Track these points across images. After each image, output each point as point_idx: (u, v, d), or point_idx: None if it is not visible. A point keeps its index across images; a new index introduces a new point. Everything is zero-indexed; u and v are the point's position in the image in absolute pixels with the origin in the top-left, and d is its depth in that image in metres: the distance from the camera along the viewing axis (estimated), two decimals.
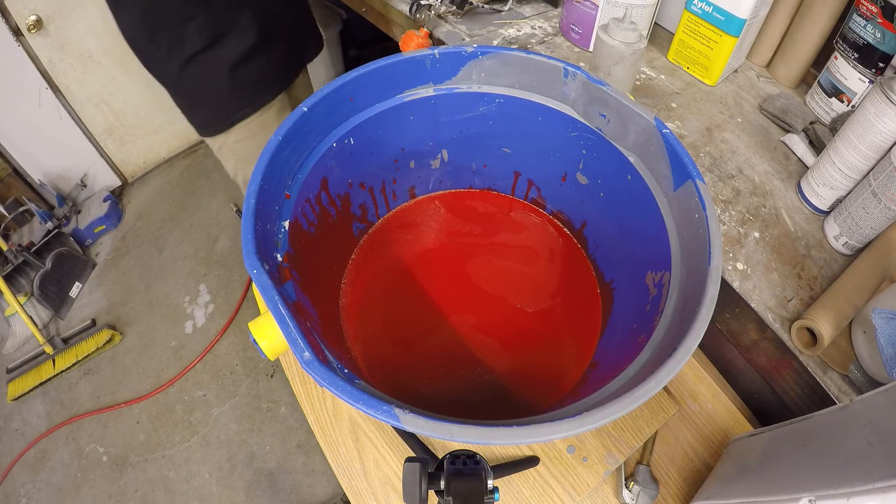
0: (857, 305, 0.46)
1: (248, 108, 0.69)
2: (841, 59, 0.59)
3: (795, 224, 0.55)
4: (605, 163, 0.43)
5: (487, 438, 0.24)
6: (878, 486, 0.25)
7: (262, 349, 0.31)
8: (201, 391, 1.29)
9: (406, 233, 0.51)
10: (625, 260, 0.45)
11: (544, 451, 0.46)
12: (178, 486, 1.16)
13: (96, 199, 1.62)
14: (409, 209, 0.53)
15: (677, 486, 0.47)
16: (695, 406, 0.51)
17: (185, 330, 1.40)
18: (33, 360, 1.33)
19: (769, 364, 0.49)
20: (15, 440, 1.25)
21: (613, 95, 0.38)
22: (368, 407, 0.25)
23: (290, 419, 1.23)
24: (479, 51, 0.41)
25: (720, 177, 0.58)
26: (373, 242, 0.50)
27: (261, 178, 0.33)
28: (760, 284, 0.50)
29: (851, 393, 0.45)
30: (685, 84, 0.69)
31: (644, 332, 0.35)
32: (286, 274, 0.34)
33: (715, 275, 0.30)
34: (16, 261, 1.38)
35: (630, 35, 0.56)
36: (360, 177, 0.47)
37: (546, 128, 0.45)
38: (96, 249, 1.60)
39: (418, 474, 0.30)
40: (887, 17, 0.52)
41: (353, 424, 0.48)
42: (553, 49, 0.74)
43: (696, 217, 0.33)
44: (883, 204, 0.45)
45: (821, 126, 0.61)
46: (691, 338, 0.27)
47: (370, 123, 0.43)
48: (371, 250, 0.50)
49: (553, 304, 0.46)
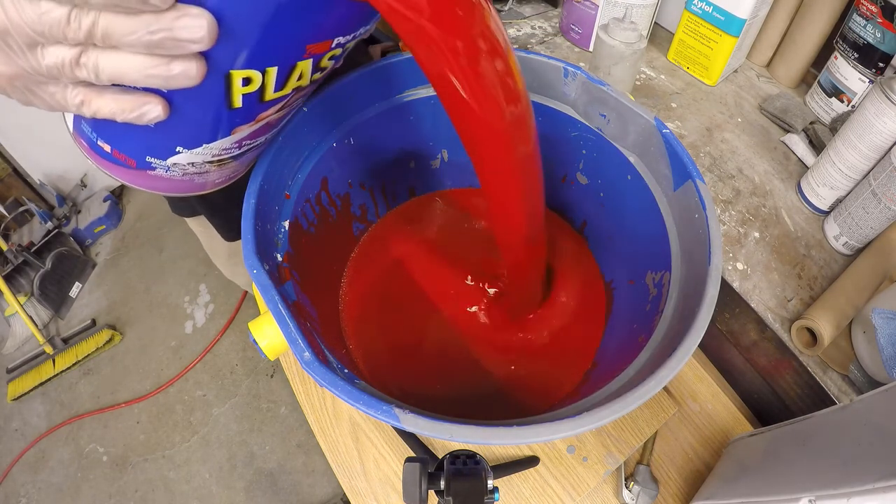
0: (857, 305, 0.46)
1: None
2: (841, 59, 0.59)
3: (795, 224, 0.55)
4: (605, 163, 0.43)
5: (487, 438, 0.24)
6: (878, 486, 0.25)
7: (262, 349, 0.31)
8: (201, 391, 1.29)
9: (406, 231, 0.51)
10: (625, 260, 0.45)
11: (544, 451, 0.46)
12: (178, 486, 1.16)
13: (96, 199, 1.62)
14: (410, 207, 0.53)
15: (677, 486, 0.47)
16: (695, 406, 0.51)
17: (185, 330, 1.40)
18: (33, 360, 1.33)
19: (769, 364, 0.49)
20: (15, 440, 1.25)
21: (613, 95, 0.38)
22: (368, 407, 0.25)
23: (290, 419, 1.23)
24: None
25: (720, 177, 0.58)
26: (373, 241, 0.50)
27: (261, 178, 0.33)
28: (760, 284, 0.50)
29: (851, 393, 0.45)
30: (685, 84, 0.69)
31: (644, 332, 0.35)
32: (286, 274, 0.35)
33: (715, 275, 0.30)
34: (16, 261, 1.39)
35: (630, 35, 0.56)
36: (360, 177, 0.47)
37: (546, 128, 0.45)
38: (96, 249, 1.60)
39: (418, 474, 0.30)
40: (887, 17, 0.52)
41: (353, 424, 0.48)
42: (553, 49, 0.74)
43: (696, 217, 0.33)
44: (883, 204, 0.45)
45: (821, 126, 0.61)
46: (691, 338, 0.27)
47: (370, 123, 0.43)
48: (371, 249, 0.50)
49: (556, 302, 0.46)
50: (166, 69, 0.20)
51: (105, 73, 0.20)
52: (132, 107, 0.21)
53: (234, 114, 0.24)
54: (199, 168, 0.27)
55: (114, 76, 0.20)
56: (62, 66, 0.20)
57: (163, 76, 0.20)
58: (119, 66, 0.20)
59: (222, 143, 0.26)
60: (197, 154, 0.26)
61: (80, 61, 0.20)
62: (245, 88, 0.23)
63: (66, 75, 0.20)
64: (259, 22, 0.21)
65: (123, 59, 0.20)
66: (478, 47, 0.23)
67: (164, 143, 0.25)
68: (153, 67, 0.20)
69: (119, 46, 0.19)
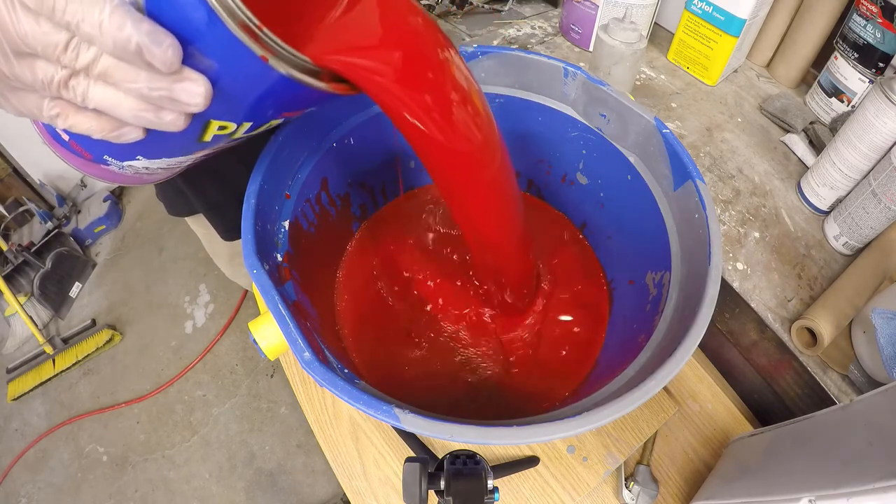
0: (857, 305, 0.46)
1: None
2: (841, 59, 0.59)
3: (795, 224, 0.55)
4: (605, 163, 0.43)
5: (487, 438, 0.24)
6: (878, 486, 0.25)
7: (262, 349, 0.31)
8: (201, 391, 1.29)
9: (402, 228, 0.51)
10: (625, 260, 0.45)
11: (544, 451, 0.46)
12: (178, 486, 1.16)
13: (96, 199, 1.62)
14: (405, 202, 0.52)
15: (677, 486, 0.47)
16: (695, 406, 0.51)
17: (185, 330, 1.40)
18: (33, 360, 1.33)
19: (769, 364, 0.49)
20: (15, 440, 1.25)
21: (613, 95, 0.38)
22: (368, 407, 0.25)
23: (290, 419, 1.23)
24: (479, 51, 0.41)
25: (720, 177, 0.58)
26: (368, 239, 0.50)
27: (261, 178, 0.33)
28: (760, 284, 0.50)
29: (851, 393, 0.45)
30: (685, 84, 0.69)
31: (644, 332, 0.35)
32: (286, 274, 0.35)
33: (715, 275, 0.30)
34: (16, 261, 1.39)
35: (630, 35, 0.56)
36: (360, 177, 0.47)
37: (546, 128, 0.45)
38: (96, 249, 1.60)
39: (418, 474, 0.30)
40: (887, 17, 0.52)
41: (353, 424, 0.48)
42: (553, 49, 0.74)
43: (696, 217, 0.33)
44: (883, 204, 0.45)
45: (821, 126, 0.61)
46: (691, 338, 0.27)
47: (370, 123, 0.43)
48: (366, 247, 0.49)
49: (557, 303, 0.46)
50: (156, 115, 0.20)
51: (93, 103, 0.19)
52: (111, 127, 0.21)
53: (202, 144, 0.25)
54: (152, 171, 0.28)
55: (101, 107, 0.20)
56: (48, 83, 0.19)
57: (152, 121, 0.20)
58: (110, 101, 0.19)
59: (183, 160, 0.27)
60: (154, 163, 0.27)
61: (69, 84, 0.19)
62: (219, 131, 0.24)
63: (50, 92, 0.19)
64: (250, 94, 0.22)
65: (115, 96, 0.19)
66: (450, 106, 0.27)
67: (126, 151, 0.25)
68: (144, 111, 0.20)
69: (114, 86, 0.19)
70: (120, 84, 0.19)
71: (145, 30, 0.17)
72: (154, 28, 0.18)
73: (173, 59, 0.18)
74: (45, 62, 0.18)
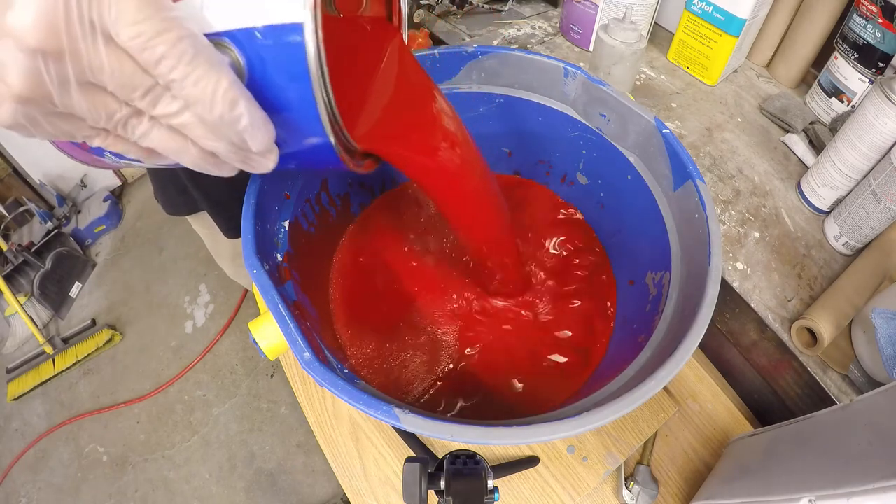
0: (857, 305, 0.46)
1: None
2: (841, 59, 0.59)
3: (795, 224, 0.55)
4: (605, 163, 0.43)
5: (487, 438, 0.24)
6: (878, 486, 0.25)
7: (262, 349, 0.31)
8: (201, 391, 1.29)
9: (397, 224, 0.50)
10: (625, 260, 0.45)
11: (544, 451, 0.46)
12: (178, 486, 1.16)
13: (96, 198, 1.62)
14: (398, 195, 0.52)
15: (677, 486, 0.47)
16: (695, 406, 0.51)
17: (185, 330, 1.40)
18: (33, 360, 1.33)
19: (769, 364, 0.49)
20: (15, 440, 1.25)
21: (613, 95, 0.38)
22: (368, 407, 0.25)
23: (290, 419, 1.23)
24: (479, 51, 0.41)
25: (720, 177, 0.58)
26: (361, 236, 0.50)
27: (261, 178, 0.33)
28: (760, 284, 0.50)
29: (851, 393, 0.45)
30: (685, 84, 0.69)
31: (644, 332, 0.35)
32: (286, 274, 0.35)
33: (715, 275, 0.30)
34: (16, 261, 1.39)
35: (630, 35, 0.56)
36: (360, 177, 0.47)
37: (546, 128, 0.45)
38: (96, 249, 1.60)
39: (418, 474, 0.30)
40: (887, 17, 0.52)
41: (353, 424, 0.48)
42: (553, 49, 0.74)
43: (696, 217, 0.33)
44: (883, 204, 0.45)
45: (821, 126, 0.61)
46: (691, 338, 0.27)
47: None
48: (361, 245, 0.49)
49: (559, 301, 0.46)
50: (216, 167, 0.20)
51: (151, 144, 0.18)
52: (157, 159, 0.20)
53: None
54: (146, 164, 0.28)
55: (160, 149, 0.19)
56: (106, 117, 0.17)
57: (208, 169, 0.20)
58: (174, 147, 0.18)
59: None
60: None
61: (129, 123, 0.18)
62: None
63: (103, 124, 0.17)
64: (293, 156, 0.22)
65: (182, 144, 0.18)
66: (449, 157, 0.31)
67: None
68: (205, 161, 0.19)
69: (181, 136, 0.18)
70: (197, 140, 0.18)
71: (258, 116, 0.18)
72: (264, 117, 0.18)
73: (270, 144, 0.19)
74: (112, 98, 0.17)
